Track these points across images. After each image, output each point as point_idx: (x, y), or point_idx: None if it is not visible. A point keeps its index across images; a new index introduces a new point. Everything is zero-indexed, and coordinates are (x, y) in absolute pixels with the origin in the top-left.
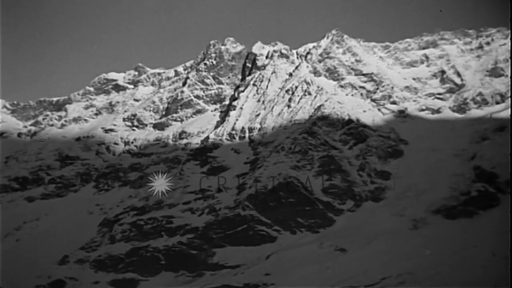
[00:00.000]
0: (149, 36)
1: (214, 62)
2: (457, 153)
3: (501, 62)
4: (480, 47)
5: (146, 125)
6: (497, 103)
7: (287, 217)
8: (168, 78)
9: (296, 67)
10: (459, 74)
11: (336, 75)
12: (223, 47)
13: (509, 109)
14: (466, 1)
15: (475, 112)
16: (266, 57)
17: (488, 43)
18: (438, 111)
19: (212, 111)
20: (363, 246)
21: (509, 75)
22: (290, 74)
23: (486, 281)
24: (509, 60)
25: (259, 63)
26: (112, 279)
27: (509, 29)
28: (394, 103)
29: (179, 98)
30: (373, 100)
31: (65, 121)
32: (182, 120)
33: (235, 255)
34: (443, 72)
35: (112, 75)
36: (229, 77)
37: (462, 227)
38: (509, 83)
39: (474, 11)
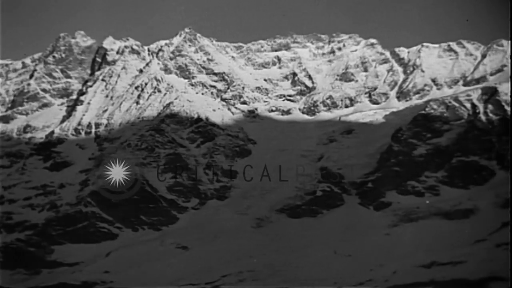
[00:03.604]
0: None
1: (63, 55)
2: (304, 154)
3: (351, 67)
4: (332, 52)
5: None
6: (346, 106)
7: (129, 214)
8: (15, 70)
9: (147, 64)
10: (310, 77)
11: (187, 73)
12: (73, 40)
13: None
14: (319, 7)
15: (324, 114)
16: (117, 53)
17: (339, 49)
18: (288, 112)
19: (58, 105)
20: (206, 244)
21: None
22: (141, 71)
23: (326, 279)
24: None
25: (109, 58)
26: None
27: (360, 37)
28: (244, 103)
29: (25, 90)
30: (224, 100)
31: None
32: (27, 114)
33: (74, 252)
34: (294, 74)
35: None
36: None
37: (306, 226)
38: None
39: (327, 17)
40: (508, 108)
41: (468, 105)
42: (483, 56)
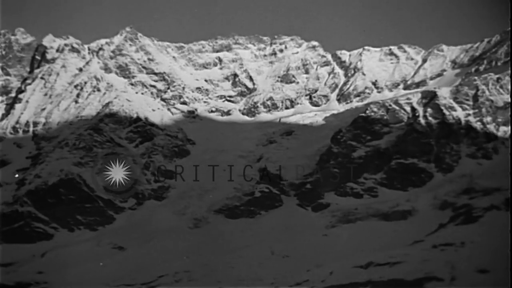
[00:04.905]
0: None
1: (3, 53)
2: (243, 154)
3: (292, 69)
4: (274, 53)
5: None
6: (287, 108)
7: (66, 214)
8: None
9: (87, 63)
10: (251, 78)
11: (127, 72)
12: (12, 37)
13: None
14: (261, 8)
15: (264, 115)
16: (57, 51)
17: (281, 50)
18: (228, 113)
19: None
20: (142, 244)
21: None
22: (80, 69)
23: (263, 279)
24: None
25: (48, 56)
26: None
27: (302, 39)
28: (184, 103)
29: None
30: (163, 100)
31: None
32: None
33: (8, 253)
34: (235, 75)
35: None
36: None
37: (244, 227)
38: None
39: (269, 18)
40: (446, 112)
41: (408, 109)
42: (424, 60)
